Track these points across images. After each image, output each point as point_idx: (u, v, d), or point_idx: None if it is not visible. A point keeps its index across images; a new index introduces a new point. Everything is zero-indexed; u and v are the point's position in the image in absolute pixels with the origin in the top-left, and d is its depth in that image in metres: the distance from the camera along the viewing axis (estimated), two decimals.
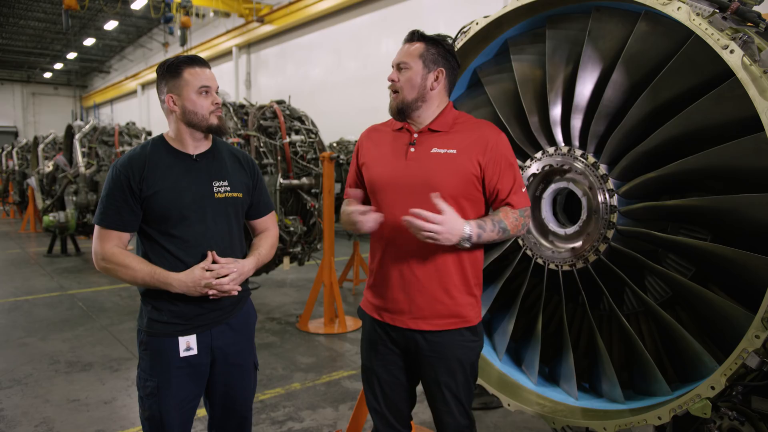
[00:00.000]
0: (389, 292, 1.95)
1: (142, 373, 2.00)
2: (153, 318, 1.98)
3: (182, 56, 2.00)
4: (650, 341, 2.36)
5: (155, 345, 1.97)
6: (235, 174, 2.09)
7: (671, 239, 2.07)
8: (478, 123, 1.97)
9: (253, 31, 17.67)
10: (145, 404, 1.98)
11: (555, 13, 2.38)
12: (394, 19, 12.99)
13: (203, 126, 1.97)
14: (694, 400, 1.87)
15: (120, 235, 1.95)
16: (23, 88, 34.88)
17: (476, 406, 3.54)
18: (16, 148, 15.38)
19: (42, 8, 22.20)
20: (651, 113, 2.08)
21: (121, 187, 1.91)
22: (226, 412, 2.14)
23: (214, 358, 2.05)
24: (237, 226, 2.09)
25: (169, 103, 1.96)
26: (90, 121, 8.74)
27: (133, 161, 1.95)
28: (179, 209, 1.94)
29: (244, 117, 5.56)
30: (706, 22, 1.80)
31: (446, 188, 1.84)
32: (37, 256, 9.79)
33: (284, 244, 5.57)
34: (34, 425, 3.41)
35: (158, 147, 2.01)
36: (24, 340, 5.09)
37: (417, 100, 1.90)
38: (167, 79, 1.96)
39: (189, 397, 2.03)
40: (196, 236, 1.97)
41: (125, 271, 1.90)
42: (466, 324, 1.94)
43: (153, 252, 1.96)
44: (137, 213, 1.94)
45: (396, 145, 1.96)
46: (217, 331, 2.04)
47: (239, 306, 2.11)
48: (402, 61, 1.89)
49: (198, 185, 1.99)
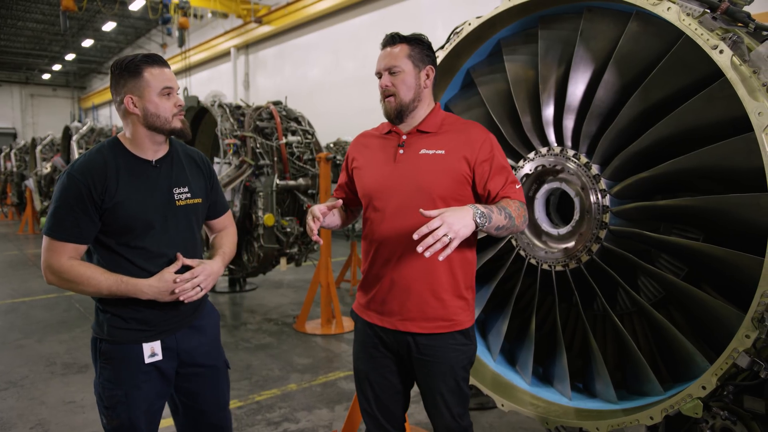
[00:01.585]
0: (380, 294, 1.95)
1: (106, 383, 1.88)
2: (115, 325, 1.88)
3: (140, 54, 1.86)
4: (644, 341, 2.36)
5: (119, 353, 1.88)
6: (194, 179, 2.02)
7: (663, 239, 2.07)
8: (466, 123, 1.96)
9: (251, 31, 17.64)
10: (112, 414, 1.88)
11: (547, 14, 2.38)
12: (392, 19, 12.98)
13: (166, 129, 1.88)
14: (685, 400, 1.87)
15: (76, 247, 1.82)
16: (22, 89, 34.83)
17: (472, 407, 3.53)
18: (15, 149, 15.37)
19: (40, 9, 22.16)
20: (642, 113, 2.08)
21: (80, 196, 1.77)
22: (199, 415, 2.07)
23: (182, 361, 1.99)
24: (197, 231, 2.04)
25: (129, 104, 1.83)
26: (87, 123, 8.74)
27: (93, 169, 1.81)
28: (143, 220, 1.86)
29: (240, 118, 5.56)
30: (696, 23, 1.80)
31: (436, 189, 1.84)
32: (35, 257, 9.78)
33: (281, 245, 5.57)
34: (30, 427, 3.41)
35: (116, 151, 1.88)
36: (20, 342, 5.09)
37: (414, 101, 1.90)
38: (126, 78, 1.83)
39: (157, 401, 1.96)
40: (160, 245, 1.89)
41: (88, 282, 1.78)
42: (458, 327, 1.92)
43: (111, 263, 1.85)
44: (96, 224, 1.82)
45: (385, 149, 1.96)
46: (181, 335, 1.97)
47: (200, 308, 2.05)
48: (392, 65, 1.87)
49: (159, 194, 1.90)
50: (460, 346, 1.93)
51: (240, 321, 5.76)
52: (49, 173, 9.52)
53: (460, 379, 1.94)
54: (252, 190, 5.32)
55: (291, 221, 5.58)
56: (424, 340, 1.91)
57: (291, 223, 5.55)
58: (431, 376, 1.93)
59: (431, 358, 1.91)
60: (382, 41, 1.94)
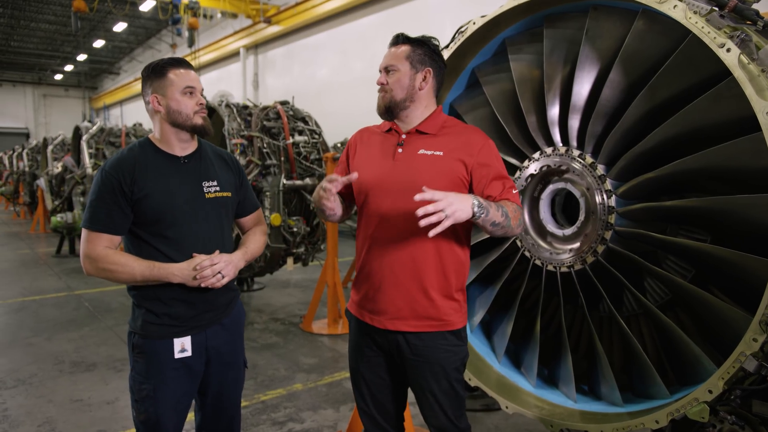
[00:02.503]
0: (371, 291, 1.95)
1: (137, 376, 1.99)
2: (147, 320, 1.98)
3: (167, 58, 2.01)
4: (650, 343, 2.34)
5: (150, 347, 1.97)
6: (223, 174, 2.10)
7: (669, 240, 2.04)
8: (466, 127, 1.98)
9: (260, 32, 17.70)
10: (140, 407, 1.98)
11: (553, 12, 2.36)
12: (400, 18, 12.97)
13: (188, 125, 1.97)
14: (691, 403, 1.84)
15: (111, 238, 1.93)
16: (34, 89, 35.23)
17: (478, 408, 3.52)
18: (27, 149, 15.53)
19: (52, 11, 22.40)
20: (648, 113, 2.05)
21: (112, 189, 1.89)
22: (217, 412, 2.15)
23: (209, 357, 2.06)
24: (227, 225, 2.12)
25: (154, 103, 1.96)
26: (97, 123, 8.80)
27: (123, 163, 1.93)
28: (172, 211, 1.95)
29: (247, 118, 5.57)
30: (702, 20, 1.77)
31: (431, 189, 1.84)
32: (46, 256, 9.87)
33: (288, 245, 5.58)
34: (37, 425, 3.43)
35: (145, 149, 2.00)
36: (30, 340, 5.13)
37: (405, 100, 1.91)
38: (152, 80, 1.96)
39: (184, 397, 2.04)
40: (189, 236, 1.98)
41: (123, 269, 1.88)
42: (449, 327, 1.91)
43: (144, 253, 1.95)
44: (129, 216, 1.93)
45: (385, 146, 1.97)
46: (212, 332, 2.06)
47: (231, 306, 2.13)
48: (389, 64, 1.91)
49: (189, 186, 2.00)
50: (451, 347, 1.92)
51: (247, 321, 5.77)
52: (60, 173, 9.60)
53: (453, 380, 1.93)
54: (259, 190, 5.33)
55: (298, 221, 5.58)
56: (414, 340, 1.90)
57: (298, 223, 5.56)
58: (423, 377, 1.92)
59: (422, 359, 1.90)
60: (390, 41, 1.97)
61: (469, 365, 2.58)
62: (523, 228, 2.46)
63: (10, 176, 17.93)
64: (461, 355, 1.95)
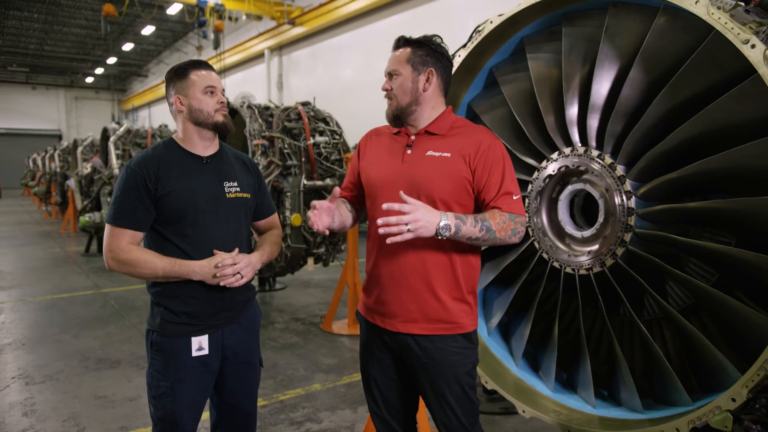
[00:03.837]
0: (381, 294, 1.94)
1: (155, 373, 2.02)
2: (166, 319, 2.01)
3: (189, 61, 2.08)
4: (673, 348, 2.27)
5: (168, 345, 2.01)
6: (243, 175, 2.14)
7: (692, 243, 1.98)
8: (475, 128, 1.96)
9: (284, 33, 17.85)
10: (158, 404, 2.01)
11: (571, 10, 2.31)
12: (424, 18, 12.93)
13: (209, 123, 2.02)
14: (714, 412, 1.78)
15: (134, 234, 1.97)
16: (66, 92, 36.18)
17: (497, 411, 3.49)
18: (58, 150, 15.94)
19: (84, 15, 22.96)
20: (670, 112, 1.99)
21: (137, 186, 1.94)
22: (232, 410, 2.17)
23: (225, 356, 2.09)
24: (246, 226, 2.16)
25: (177, 104, 2.02)
26: (124, 124, 8.98)
27: (148, 161, 1.98)
28: (194, 209, 1.98)
29: (269, 119, 5.61)
30: (726, 16, 1.71)
31: (439, 192, 1.83)
32: (75, 255, 10.11)
33: (308, 245, 5.60)
34: (63, 420, 3.51)
35: (170, 148, 2.05)
36: (58, 337, 5.26)
37: (411, 104, 1.90)
38: (175, 82, 2.03)
39: (200, 395, 2.07)
40: (210, 235, 2.01)
41: (145, 265, 1.91)
42: (460, 330, 1.90)
43: (165, 251, 1.98)
44: (152, 213, 1.97)
45: (394, 147, 1.97)
46: (228, 331, 2.09)
47: (248, 305, 2.16)
48: (392, 69, 1.91)
49: (210, 186, 2.03)
50: (462, 350, 1.90)
51: (269, 320, 5.82)
52: (89, 173, 9.83)
53: (465, 385, 1.90)
54: (279, 191, 5.37)
55: None
56: (425, 342, 1.88)
57: None
58: (435, 381, 1.90)
59: (433, 362, 1.89)
60: (393, 44, 1.96)
61: (486, 368, 2.55)
62: (541, 231, 2.43)
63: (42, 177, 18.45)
64: (472, 359, 1.93)
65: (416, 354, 1.90)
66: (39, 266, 9.05)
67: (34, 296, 6.99)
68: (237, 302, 2.09)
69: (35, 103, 35.04)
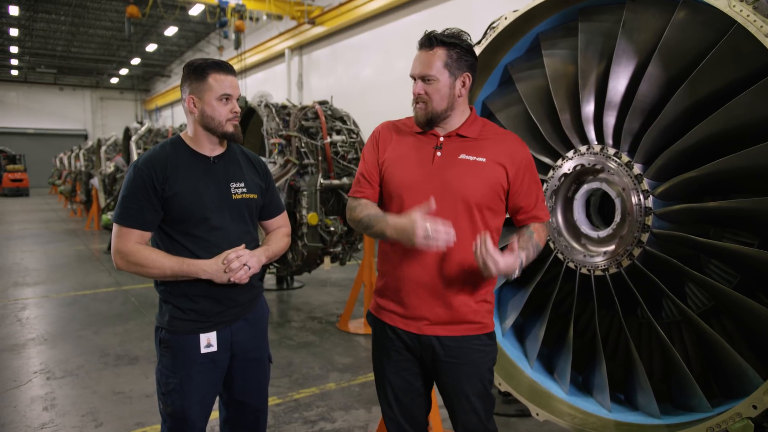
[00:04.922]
0: (406, 298, 1.90)
1: (164, 369, 2.03)
2: (174, 316, 2.01)
3: (210, 59, 2.00)
4: (693, 352, 2.21)
5: (176, 342, 2.01)
6: (250, 175, 2.13)
7: (711, 244, 1.92)
8: (506, 134, 1.94)
9: (304, 33, 17.91)
10: (167, 400, 2.02)
11: (588, 5, 2.27)
12: (443, 17, 12.84)
13: (219, 132, 2.00)
14: (734, 419, 1.73)
15: (142, 234, 1.96)
16: (92, 93, 36.88)
17: (512, 413, 3.44)
18: (83, 149, 16.26)
19: (108, 17, 23.35)
20: (689, 109, 1.94)
21: (144, 186, 1.94)
22: (242, 407, 2.17)
23: (233, 353, 2.09)
24: (253, 226, 2.15)
25: (189, 104, 1.99)
26: (145, 124, 9.12)
27: (155, 161, 1.98)
28: (200, 210, 1.98)
29: (286, 118, 5.63)
30: (749, 9, 1.66)
31: (473, 196, 1.80)
32: (99, 252, 10.28)
33: (325, 244, 5.61)
34: (81, 415, 3.56)
35: (177, 147, 2.04)
36: (79, 333, 5.35)
37: (447, 110, 1.84)
38: (191, 80, 1.98)
39: (210, 392, 2.08)
40: (216, 236, 2.01)
41: (153, 264, 1.91)
42: (486, 330, 1.91)
43: (173, 250, 1.99)
44: (159, 212, 1.97)
45: (420, 148, 1.89)
46: (236, 327, 2.09)
47: (255, 302, 2.16)
48: (426, 73, 1.79)
49: (216, 187, 2.03)
50: (484, 347, 1.90)
51: (285, 319, 5.84)
52: (112, 172, 10.00)
53: (486, 381, 1.90)
54: (296, 189, 5.38)
55: (335, 220, 5.60)
56: (450, 342, 1.87)
57: (335, 222, 5.58)
58: (457, 379, 1.88)
59: (457, 360, 1.87)
60: (419, 41, 1.84)
61: (500, 369, 2.52)
62: (557, 231, 2.39)
63: (68, 175, 18.83)
64: (493, 355, 1.94)
65: (439, 353, 1.89)
66: (63, 263, 9.23)
67: (57, 293, 7.12)
68: (244, 300, 2.10)
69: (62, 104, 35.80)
